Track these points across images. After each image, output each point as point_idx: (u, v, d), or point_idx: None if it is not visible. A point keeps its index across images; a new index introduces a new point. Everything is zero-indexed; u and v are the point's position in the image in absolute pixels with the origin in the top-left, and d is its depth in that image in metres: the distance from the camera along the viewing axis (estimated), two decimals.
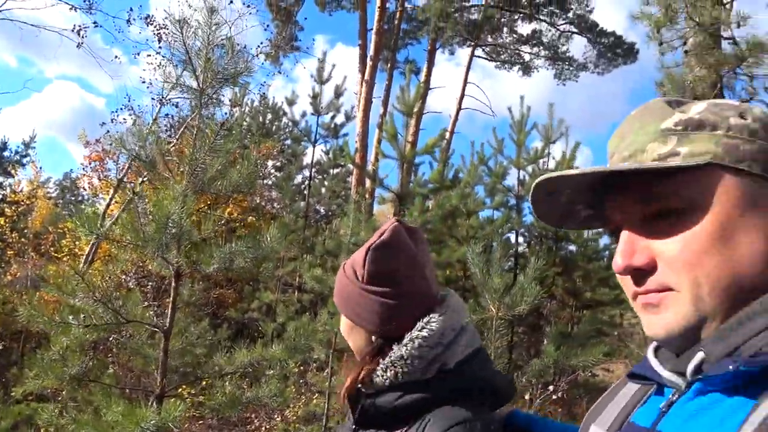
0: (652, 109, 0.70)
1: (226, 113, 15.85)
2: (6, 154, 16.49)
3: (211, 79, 3.11)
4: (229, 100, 15.59)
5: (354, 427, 1.21)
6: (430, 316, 1.19)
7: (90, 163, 10.85)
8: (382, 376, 1.16)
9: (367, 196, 10.18)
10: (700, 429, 0.58)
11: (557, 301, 8.81)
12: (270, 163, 15.13)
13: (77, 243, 9.49)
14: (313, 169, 12.23)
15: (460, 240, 7.94)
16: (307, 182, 11.81)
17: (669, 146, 0.65)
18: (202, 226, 3.66)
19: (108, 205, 9.52)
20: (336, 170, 14.21)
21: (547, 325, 8.53)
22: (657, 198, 0.65)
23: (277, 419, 6.62)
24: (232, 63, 3.13)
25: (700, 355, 0.60)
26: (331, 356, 5.82)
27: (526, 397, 6.14)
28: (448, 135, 14.82)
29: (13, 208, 11.79)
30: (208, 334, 7.77)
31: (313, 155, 11.23)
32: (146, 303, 7.26)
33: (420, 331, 1.17)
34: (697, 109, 0.67)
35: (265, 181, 14.88)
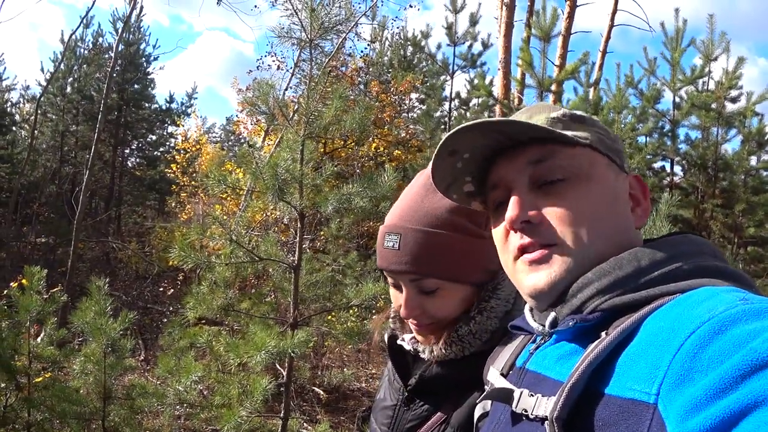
0: (540, 106, 0.84)
1: (363, 50, 16.13)
2: (173, 106, 18.58)
3: (318, 28, 3.20)
4: (367, 37, 15.82)
5: (406, 395, 1.15)
6: (496, 281, 1.08)
7: (243, 110, 11.75)
8: (446, 349, 1.07)
9: None
10: (549, 365, 0.74)
11: (716, 237, 7.90)
12: (414, 96, 15.21)
13: (238, 184, 10.50)
14: (454, 101, 12.07)
15: None
16: (447, 115, 11.72)
17: (557, 130, 0.77)
18: (323, 169, 3.87)
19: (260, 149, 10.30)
20: (479, 99, 13.87)
21: None
22: (548, 158, 0.77)
23: None
24: (335, 12, 3.18)
25: (552, 315, 0.76)
26: None
27: None
28: (600, 55, 13.60)
29: (182, 153, 13.29)
30: (357, 265, 8.25)
31: (452, 87, 11.08)
32: (296, 238, 7.87)
33: (488, 301, 1.07)
34: (574, 111, 0.83)
35: (409, 114, 15.01)
